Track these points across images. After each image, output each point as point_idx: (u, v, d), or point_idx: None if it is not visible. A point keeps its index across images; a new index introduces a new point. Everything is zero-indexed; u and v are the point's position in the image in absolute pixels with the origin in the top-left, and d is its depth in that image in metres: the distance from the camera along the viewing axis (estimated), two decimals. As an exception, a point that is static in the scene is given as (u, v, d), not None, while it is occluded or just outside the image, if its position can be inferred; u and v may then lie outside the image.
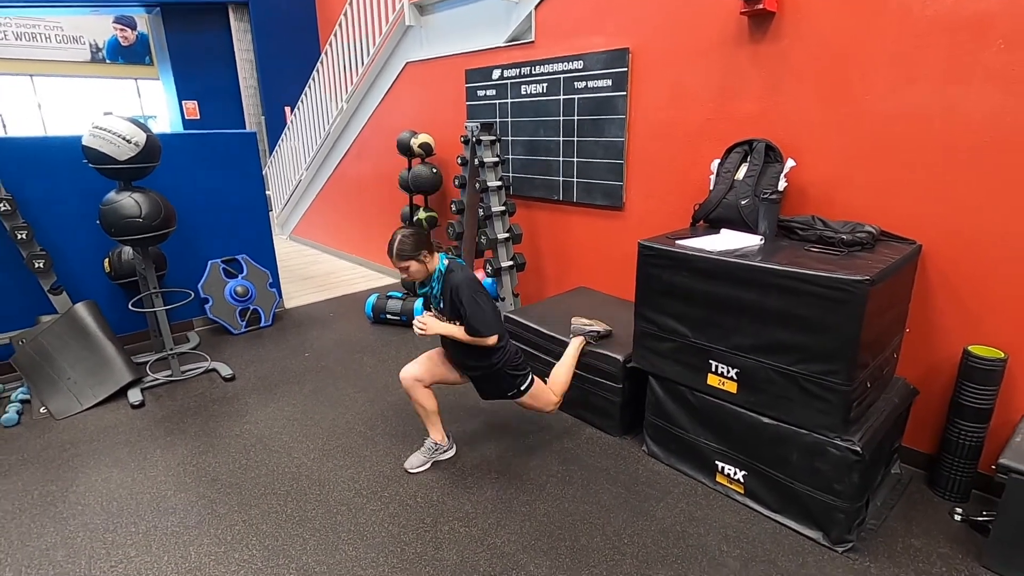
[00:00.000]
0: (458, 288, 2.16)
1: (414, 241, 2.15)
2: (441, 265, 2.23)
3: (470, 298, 2.14)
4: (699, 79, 2.77)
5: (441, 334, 2.21)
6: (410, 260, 2.16)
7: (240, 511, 2.18)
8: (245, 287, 4.10)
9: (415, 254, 2.16)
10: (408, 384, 2.35)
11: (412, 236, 2.16)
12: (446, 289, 2.21)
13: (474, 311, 2.14)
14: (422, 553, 1.95)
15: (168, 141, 3.46)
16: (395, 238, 2.16)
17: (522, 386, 2.34)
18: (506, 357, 2.29)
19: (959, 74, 2.03)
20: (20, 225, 3.10)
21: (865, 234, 2.12)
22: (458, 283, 2.17)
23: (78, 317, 3.21)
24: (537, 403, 2.42)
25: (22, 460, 2.53)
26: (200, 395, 3.14)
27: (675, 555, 1.93)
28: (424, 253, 2.17)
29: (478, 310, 2.14)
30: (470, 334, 2.17)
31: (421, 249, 2.16)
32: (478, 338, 2.16)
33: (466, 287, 2.16)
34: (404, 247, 2.14)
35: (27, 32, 10.39)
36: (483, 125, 3.53)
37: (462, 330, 2.18)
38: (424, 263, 2.19)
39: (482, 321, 2.14)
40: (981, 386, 2.05)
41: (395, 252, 2.15)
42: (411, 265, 2.17)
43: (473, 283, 2.19)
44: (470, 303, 2.14)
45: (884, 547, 1.96)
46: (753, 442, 2.12)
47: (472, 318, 2.14)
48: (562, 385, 2.52)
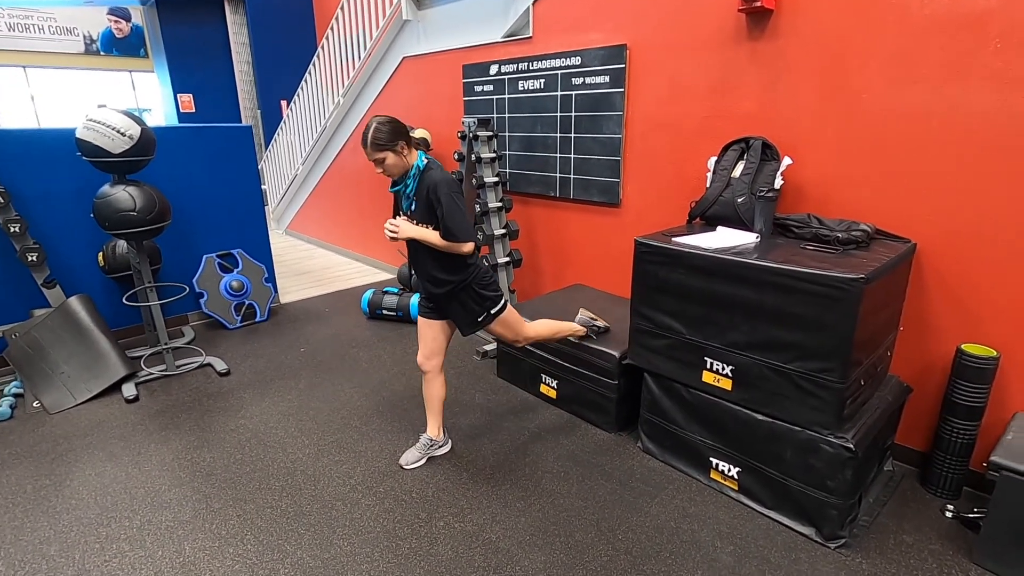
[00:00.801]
0: (436, 186, 2.02)
1: (391, 129, 1.98)
2: (419, 162, 2.08)
3: (448, 197, 2.01)
4: (697, 76, 2.76)
5: (413, 237, 2.09)
6: (386, 150, 1.98)
7: (235, 506, 2.18)
8: (240, 282, 4.08)
9: (391, 144, 1.98)
10: (429, 367, 2.29)
11: (388, 123, 1.99)
12: (422, 188, 2.06)
13: (451, 211, 2.01)
14: (417, 548, 1.96)
15: (163, 134, 3.44)
16: (370, 125, 1.99)
17: (492, 309, 2.23)
18: (477, 273, 2.18)
19: (956, 73, 2.03)
20: (13, 218, 3.08)
21: (860, 232, 2.12)
22: (437, 181, 2.03)
23: (72, 311, 3.19)
24: (508, 332, 2.33)
25: (15, 454, 2.52)
26: (195, 390, 3.13)
27: (669, 551, 1.94)
28: (401, 144, 2.00)
29: (456, 211, 2.01)
30: (444, 237, 2.04)
31: (399, 139, 1.99)
32: (452, 243, 2.04)
33: (445, 186, 2.02)
34: (380, 135, 1.97)
35: (20, 23, 10.29)
36: (480, 121, 3.52)
37: (436, 235, 2.06)
38: (401, 155, 2.02)
39: (459, 224, 2.02)
40: (974, 384, 2.06)
41: (369, 141, 1.98)
42: (387, 156, 2.00)
43: (453, 183, 2.05)
44: (448, 202, 2.01)
45: (876, 543, 1.97)
46: (747, 439, 2.13)
47: (448, 218, 2.01)
48: (540, 332, 2.45)
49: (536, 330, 2.48)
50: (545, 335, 2.52)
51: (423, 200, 2.08)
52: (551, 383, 2.90)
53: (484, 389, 3.10)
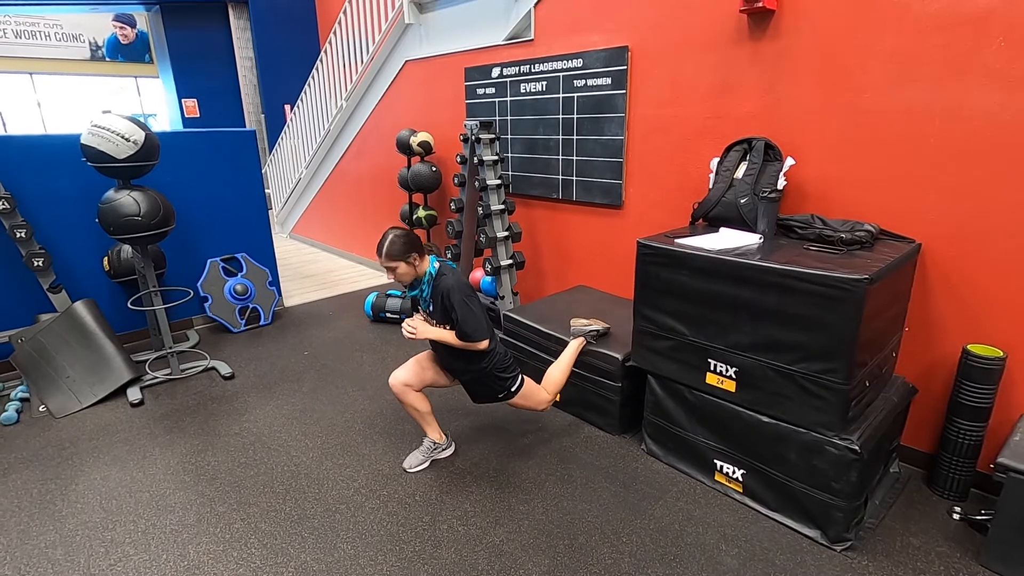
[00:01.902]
0: (449, 292, 2.13)
1: (404, 243, 2.12)
2: (432, 268, 2.20)
3: (461, 302, 2.12)
4: (699, 77, 2.76)
5: (431, 339, 2.20)
6: (398, 261, 2.12)
7: (239, 509, 2.18)
8: (244, 285, 4.10)
9: (404, 256, 2.12)
10: (398, 390, 2.33)
11: (403, 237, 2.12)
12: (436, 293, 2.18)
13: (465, 315, 2.11)
14: (420, 551, 1.96)
15: (167, 139, 3.46)
16: (386, 237, 2.13)
17: (512, 388, 2.33)
18: (495, 360, 2.28)
19: (959, 72, 2.02)
20: (19, 223, 3.10)
21: (864, 233, 2.11)
22: (449, 287, 2.14)
23: (77, 315, 3.21)
24: (529, 402, 2.41)
25: (21, 458, 2.54)
26: (199, 393, 3.14)
27: (673, 554, 1.93)
28: (414, 256, 2.14)
29: (469, 315, 2.12)
30: (461, 339, 2.15)
31: (411, 252, 2.13)
32: (469, 343, 2.15)
33: (457, 291, 2.13)
34: (394, 248, 2.11)
35: (27, 30, 10.38)
36: (482, 123, 3.52)
37: (452, 335, 2.17)
38: (412, 265, 2.15)
39: (473, 326, 2.12)
40: (980, 385, 2.05)
41: (384, 252, 2.12)
42: (399, 267, 2.13)
43: (464, 287, 2.17)
44: (461, 307, 2.11)
45: (882, 546, 1.96)
46: (751, 441, 2.12)
47: (463, 323, 2.12)
48: (556, 384, 2.51)
49: (553, 385, 2.51)
50: (560, 380, 2.54)
51: (439, 305, 2.19)
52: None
53: (487, 392, 3.09)
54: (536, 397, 2.42)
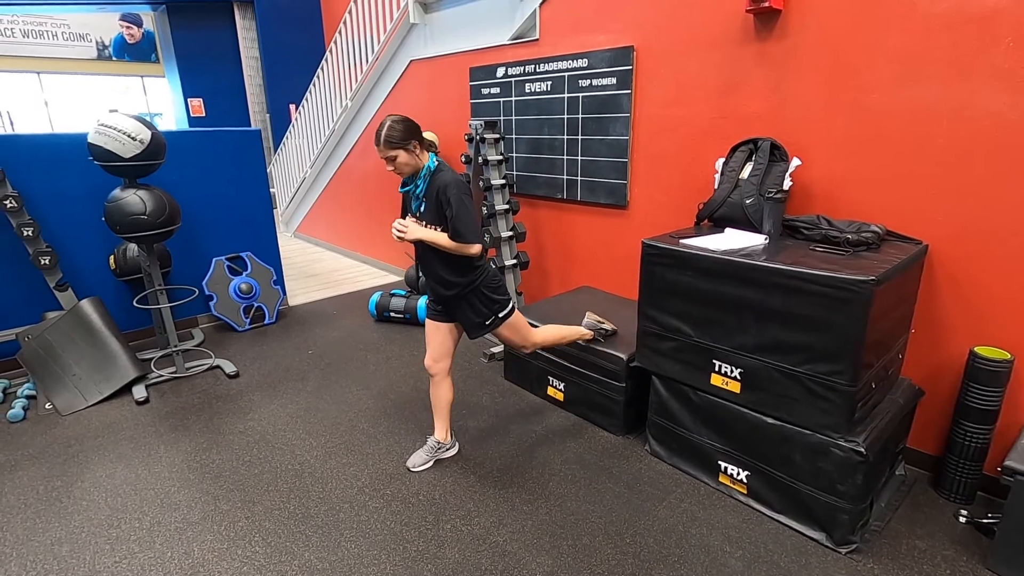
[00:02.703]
0: (446, 187, 2.03)
1: (404, 127, 2.01)
2: (430, 163, 2.10)
3: (458, 199, 2.03)
4: (704, 77, 2.75)
5: (422, 239, 2.10)
6: (399, 148, 2.01)
7: (243, 508, 2.19)
8: (249, 284, 4.11)
9: (404, 142, 2.01)
10: (436, 371, 2.29)
11: (402, 122, 2.02)
12: (432, 188, 2.08)
13: (461, 213, 2.03)
14: (424, 551, 1.96)
15: (173, 138, 3.47)
16: (384, 123, 2.02)
17: (500, 313, 2.24)
18: (487, 275, 2.20)
19: (967, 72, 2.01)
20: (27, 222, 3.11)
21: (871, 234, 2.10)
22: (447, 182, 2.05)
23: (83, 313, 3.23)
24: (515, 336, 2.34)
25: (27, 456, 2.55)
26: (204, 392, 3.15)
27: (677, 555, 1.93)
28: (414, 143, 2.03)
29: (465, 213, 2.03)
30: (453, 238, 2.06)
31: (411, 138, 2.02)
32: (461, 244, 2.06)
33: (455, 187, 2.04)
34: (393, 133, 2.00)
35: (34, 30, 10.44)
36: (487, 123, 3.52)
37: (445, 236, 2.08)
38: (413, 154, 2.05)
39: (467, 225, 2.04)
40: (987, 387, 2.03)
41: (383, 138, 2.01)
42: (399, 155, 2.03)
43: (463, 185, 2.07)
44: (458, 204, 2.02)
45: (888, 548, 1.95)
46: (756, 442, 2.11)
47: (457, 219, 2.03)
48: (547, 337, 2.46)
49: (543, 335, 2.48)
50: (552, 340, 2.52)
51: (432, 201, 2.09)
52: (558, 386, 2.89)
53: (491, 392, 3.09)
54: (524, 333, 2.36)
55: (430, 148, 2.14)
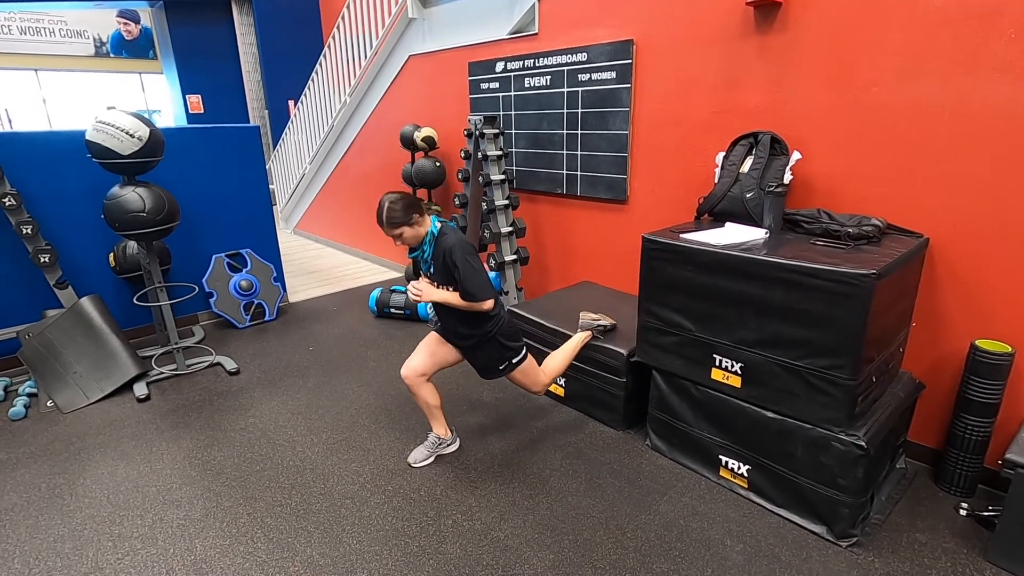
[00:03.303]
0: (451, 250, 2.10)
1: (403, 205, 2.08)
2: (433, 228, 2.17)
3: (464, 261, 2.09)
4: (704, 71, 2.74)
5: (435, 301, 2.17)
6: (402, 226, 2.09)
7: (245, 504, 2.19)
8: (249, 281, 4.11)
9: (406, 219, 2.09)
10: (412, 381, 2.32)
11: (401, 200, 2.09)
12: (438, 252, 2.15)
13: (468, 274, 2.09)
14: (426, 547, 1.96)
15: (172, 135, 3.46)
16: (383, 204, 2.09)
17: (514, 359, 2.30)
18: (500, 325, 2.25)
19: (968, 65, 2.00)
20: (25, 220, 3.11)
21: (871, 227, 2.10)
22: (451, 246, 2.11)
23: (84, 311, 3.23)
24: (527, 380, 2.39)
25: (29, 453, 2.55)
26: (205, 389, 3.15)
27: (678, 549, 1.93)
28: (415, 216, 2.10)
29: (472, 273, 2.10)
30: (464, 298, 2.12)
31: (412, 213, 2.09)
32: (473, 303, 2.12)
33: (459, 250, 2.10)
34: (394, 213, 2.07)
35: (31, 26, 10.40)
36: (486, 118, 3.51)
37: (457, 295, 2.14)
38: (416, 227, 2.12)
39: (476, 284, 2.10)
40: (988, 381, 2.03)
41: (385, 219, 2.08)
42: (404, 231, 2.10)
43: (466, 246, 2.14)
44: (464, 266, 2.09)
45: (888, 542, 1.95)
46: (757, 437, 2.11)
47: (466, 281, 2.09)
48: (555, 370, 2.50)
49: (552, 369, 2.51)
50: (560, 366, 2.54)
51: (440, 264, 2.16)
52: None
53: (492, 387, 3.09)
54: (534, 377, 2.41)
55: (428, 211, 2.20)
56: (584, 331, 2.68)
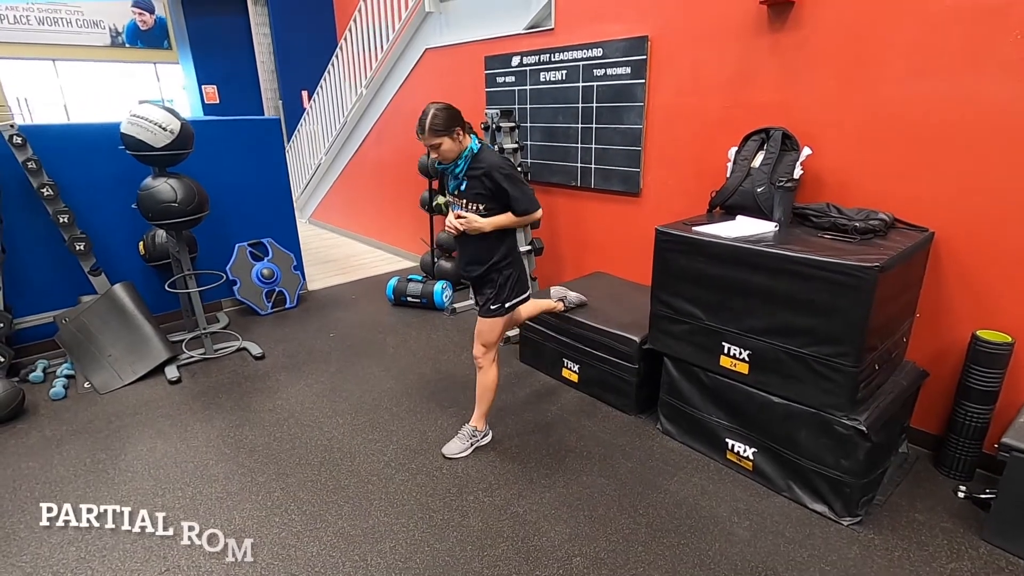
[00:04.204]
0: (496, 168, 2.10)
1: (447, 115, 2.04)
2: (473, 145, 2.14)
3: (510, 177, 2.11)
4: (717, 67, 2.81)
5: (486, 230, 2.16)
6: (442, 136, 2.04)
7: (278, 479, 2.33)
8: (271, 269, 4.24)
9: (448, 130, 2.05)
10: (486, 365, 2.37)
11: (445, 110, 2.05)
12: (474, 169, 2.14)
13: (518, 190, 2.12)
14: (449, 519, 2.09)
15: (197, 128, 3.55)
16: (428, 111, 2.05)
17: (507, 303, 2.31)
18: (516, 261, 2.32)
19: (976, 63, 2.06)
20: (62, 209, 3.24)
21: (878, 221, 2.18)
22: (493, 165, 2.11)
23: (117, 297, 3.37)
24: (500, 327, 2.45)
25: (72, 431, 2.70)
26: (233, 372, 3.29)
27: (688, 525, 2.05)
28: (457, 130, 2.06)
29: (521, 188, 2.14)
30: (520, 214, 2.16)
31: (455, 125, 2.05)
32: (527, 216, 2.18)
33: (505, 167, 2.12)
34: (437, 121, 2.02)
35: (49, 17, 10.54)
36: (503, 112, 3.59)
37: (508, 217, 2.16)
38: (457, 140, 2.09)
39: (528, 198, 2.15)
40: (988, 369, 2.12)
41: (427, 127, 2.03)
42: (444, 142, 2.06)
43: (507, 163, 2.16)
44: (512, 183, 2.11)
45: (888, 521, 2.05)
46: (763, 421, 2.21)
47: (519, 197, 2.13)
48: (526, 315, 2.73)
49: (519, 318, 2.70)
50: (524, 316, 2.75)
51: (475, 181, 2.16)
52: (573, 367, 3.00)
53: (508, 373, 3.21)
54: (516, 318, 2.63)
55: (471, 131, 2.19)
56: (556, 300, 2.87)
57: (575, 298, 2.96)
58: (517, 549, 1.94)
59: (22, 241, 3.32)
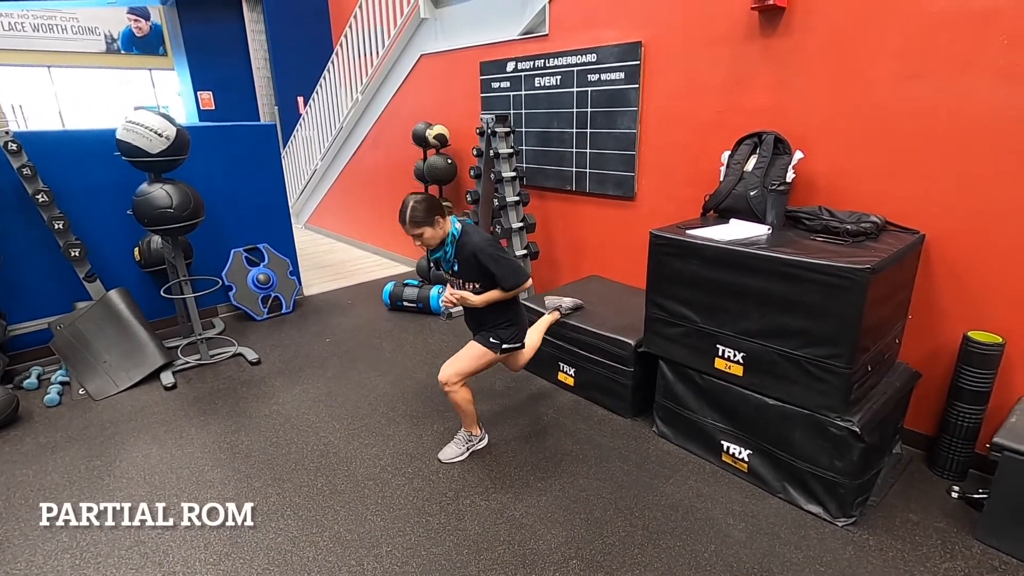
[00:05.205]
0: (479, 251, 2.19)
1: (426, 207, 2.16)
2: (454, 229, 2.25)
3: (494, 257, 2.19)
4: (710, 72, 2.84)
5: (478, 306, 2.26)
6: (424, 226, 2.17)
7: (274, 485, 2.33)
8: (267, 275, 4.24)
9: (428, 220, 2.17)
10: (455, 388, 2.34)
11: (424, 201, 2.17)
12: (462, 252, 2.24)
13: (503, 268, 2.19)
14: (445, 524, 2.09)
15: (192, 133, 3.56)
16: (407, 204, 2.17)
17: (504, 344, 2.36)
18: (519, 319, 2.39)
19: (964, 68, 2.09)
20: (57, 215, 3.24)
21: (870, 224, 2.20)
22: (477, 246, 2.20)
23: (112, 303, 3.36)
24: (510, 361, 2.56)
25: (67, 437, 2.69)
26: (228, 378, 3.28)
27: (684, 527, 2.05)
28: (437, 218, 2.19)
29: (506, 266, 2.20)
30: (508, 290, 2.22)
31: (434, 214, 2.17)
32: (516, 290, 2.24)
33: (487, 248, 2.20)
34: (417, 214, 2.15)
35: (44, 24, 10.53)
36: (498, 117, 3.62)
37: (498, 293, 2.23)
38: (437, 228, 2.21)
39: (516, 273, 2.22)
40: (980, 370, 2.14)
41: (408, 219, 2.17)
42: (425, 232, 2.19)
43: (491, 242, 2.25)
44: (497, 263, 2.19)
45: (882, 521, 2.07)
46: (758, 423, 2.23)
47: (504, 275, 2.19)
48: (532, 350, 2.67)
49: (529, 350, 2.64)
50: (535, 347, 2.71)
51: (466, 263, 2.26)
52: (568, 371, 3.01)
53: (504, 377, 3.21)
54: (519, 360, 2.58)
55: (449, 212, 2.31)
56: (552, 311, 2.87)
57: (570, 303, 2.97)
58: (513, 553, 1.95)
59: (17, 247, 3.31)
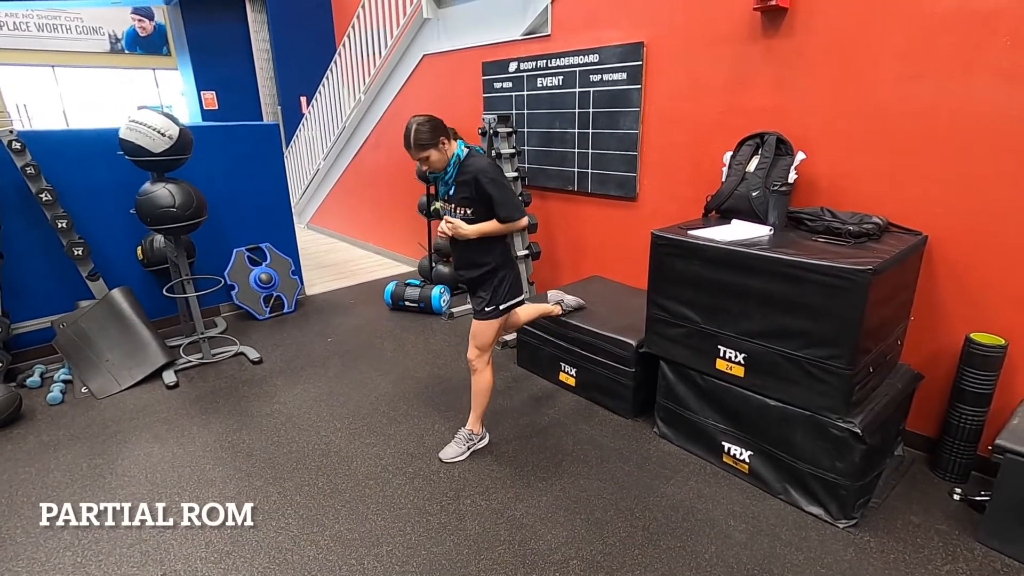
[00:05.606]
0: (482, 173, 2.11)
1: (430, 127, 2.07)
2: (459, 151, 2.17)
3: (498, 183, 2.11)
4: (712, 73, 2.84)
5: (471, 236, 2.16)
6: (429, 149, 2.08)
7: (275, 484, 2.33)
8: (269, 274, 4.24)
9: (433, 142, 2.08)
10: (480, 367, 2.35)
11: (428, 123, 2.08)
12: (463, 174, 2.16)
13: (502, 196, 2.12)
14: (446, 523, 2.09)
15: (195, 133, 3.57)
16: (410, 127, 2.08)
17: (501, 305, 2.30)
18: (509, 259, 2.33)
19: (967, 69, 2.09)
20: (60, 214, 3.25)
21: (872, 225, 2.20)
22: (481, 168, 2.12)
23: (115, 302, 3.37)
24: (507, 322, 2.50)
25: (69, 436, 2.70)
26: (230, 377, 3.29)
27: (684, 528, 2.05)
28: (443, 139, 2.10)
29: (506, 194, 2.13)
30: (503, 221, 2.15)
31: (439, 135, 2.08)
32: (511, 223, 2.16)
33: (491, 171, 2.12)
34: (421, 135, 2.05)
35: (49, 24, 10.58)
36: (500, 117, 3.62)
37: (493, 224, 2.15)
38: (443, 151, 2.12)
39: (514, 204, 2.15)
40: (982, 372, 2.13)
41: (412, 142, 2.07)
42: (431, 154, 2.10)
43: (494, 167, 2.16)
44: (498, 189, 2.11)
45: (884, 523, 2.06)
46: (759, 424, 2.22)
47: (502, 203, 2.12)
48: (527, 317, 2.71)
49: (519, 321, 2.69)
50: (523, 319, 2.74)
51: (463, 186, 2.18)
52: (570, 371, 3.01)
53: (505, 377, 3.21)
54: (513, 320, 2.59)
55: (455, 136, 2.20)
56: (554, 303, 2.89)
57: (572, 301, 2.97)
58: (514, 553, 1.95)
59: (20, 246, 3.33)
